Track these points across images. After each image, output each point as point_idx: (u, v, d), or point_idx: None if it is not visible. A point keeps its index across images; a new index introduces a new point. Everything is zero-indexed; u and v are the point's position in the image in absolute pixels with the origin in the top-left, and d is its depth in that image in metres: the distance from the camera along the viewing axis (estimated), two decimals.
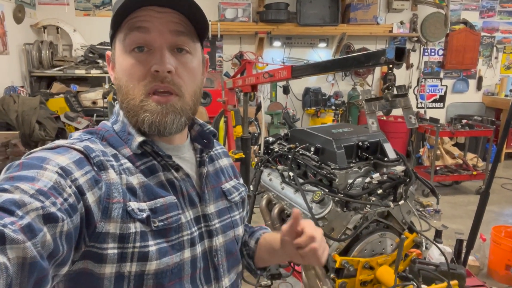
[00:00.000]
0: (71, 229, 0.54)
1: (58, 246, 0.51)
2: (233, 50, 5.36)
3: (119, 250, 0.62)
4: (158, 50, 0.68)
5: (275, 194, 1.78)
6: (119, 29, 0.70)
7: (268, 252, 0.90)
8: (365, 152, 1.59)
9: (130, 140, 0.71)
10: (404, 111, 1.38)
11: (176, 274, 0.68)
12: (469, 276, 2.27)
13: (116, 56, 0.72)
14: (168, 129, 0.70)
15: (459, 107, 6.02)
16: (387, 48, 1.32)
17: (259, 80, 2.26)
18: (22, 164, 0.57)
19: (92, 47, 4.73)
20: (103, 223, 0.61)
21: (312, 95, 5.34)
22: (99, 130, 0.74)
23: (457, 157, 4.94)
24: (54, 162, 0.58)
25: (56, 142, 0.66)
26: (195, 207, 0.76)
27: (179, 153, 0.78)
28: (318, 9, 5.17)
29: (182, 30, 0.70)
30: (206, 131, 0.83)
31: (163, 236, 0.67)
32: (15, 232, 0.43)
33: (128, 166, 0.69)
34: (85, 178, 0.60)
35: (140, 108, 0.69)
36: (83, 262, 0.62)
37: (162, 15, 0.68)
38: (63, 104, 4.19)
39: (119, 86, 0.72)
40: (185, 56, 0.71)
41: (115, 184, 0.64)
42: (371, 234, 1.55)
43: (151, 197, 0.68)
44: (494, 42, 5.99)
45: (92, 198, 0.60)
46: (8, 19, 4.06)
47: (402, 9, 5.50)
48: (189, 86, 0.72)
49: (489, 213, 3.69)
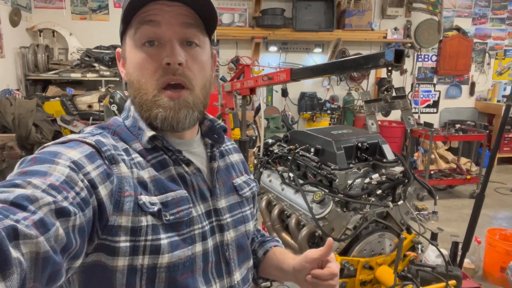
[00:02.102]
0: (84, 222, 0.54)
1: (71, 240, 0.51)
2: (230, 54, 5.38)
3: (131, 243, 0.63)
4: (169, 43, 0.68)
5: (275, 195, 1.79)
6: (129, 25, 0.71)
7: (275, 269, 0.90)
8: (364, 153, 1.62)
9: (140, 135, 0.72)
10: (403, 112, 1.40)
11: (188, 268, 0.69)
12: (465, 278, 2.29)
13: (127, 52, 0.73)
14: (181, 125, 0.71)
15: (452, 112, 6.09)
16: (386, 50, 1.34)
17: (258, 83, 2.28)
18: (34, 158, 0.58)
19: (88, 51, 4.72)
20: (115, 216, 0.62)
21: (307, 99, 5.38)
22: (110, 125, 0.74)
23: (450, 162, 4.99)
24: (66, 156, 0.59)
25: (68, 136, 0.66)
26: (206, 202, 0.76)
27: (190, 147, 0.78)
28: (314, 15, 5.22)
29: (192, 22, 0.70)
30: (217, 126, 0.83)
31: (174, 230, 0.68)
32: (28, 227, 0.43)
33: (139, 160, 0.69)
34: (97, 172, 0.60)
35: (153, 103, 0.70)
36: (96, 255, 0.62)
37: (171, 9, 0.68)
38: (59, 108, 4.17)
39: (131, 82, 0.72)
40: (194, 49, 0.72)
41: (126, 178, 0.65)
42: (370, 234, 1.57)
43: (162, 191, 0.68)
44: (486, 48, 6.09)
45: (104, 191, 0.60)
46: (4, 22, 4.05)
47: (396, 15, 5.58)
48: (199, 79, 0.72)
49: (483, 216, 3.72)
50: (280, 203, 1.74)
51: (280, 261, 0.89)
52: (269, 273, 0.94)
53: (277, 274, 0.92)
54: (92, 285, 0.64)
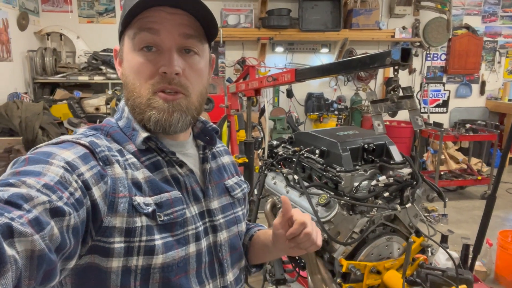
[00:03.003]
0: (78, 223, 0.54)
1: (65, 240, 0.51)
2: (236, 56, 5.37)
3: (126, 244, 0.63)
4: (167, 51, 0.68)
5: (279, 198, 1.76)
6: (128, 26, 0.70)
7: (262, 249, 0.91)
8: (371, 154, 1.58)
9: (134, 136, 0.72)
10: (411, 112, 1.37)
11: (182, 268, 0.69)
12: (476, 282, 2.24)
13: (125, 53, 0.73)
14: (173, 128, 0.71)
15: (463, 112, 6.00)
16: (393, 49, 1.31)
17: (263, 84, 2.25)
18: (28, 159, 0.57)
19: (95, 54, 4.75)
20: (109, 217, 0.62)
21: (314, 100, 5.34)
22: (103, 126, 0.74)
23: (461, 162, 4.92)
24: (60, 157, 0.59)
25: (61, 137, 0.66)
26: (199, 203, 0.76)
27: (183, 149, 0.79)
28: (320, 14, 5.19)
29: (192, 33, 0.70)
30: (209, 128, 0.84)
31: (168, 230, 0.68)
32: (23, 225, 0.43)
33: (133, 161, 0.69)
34: (90, 173, 0.61)
35: (147, 106, 0.70)
36: (90, 257, 0.62)
37: (172, 17, 0.68)
38: (66, 110, 4.20)
39: (126, 83, 0.72)
40: (192, 58, 0.72)
41: (120, 179, 0.65)
42: (378, 238, 1.53)
43: (157, 192, 0.68)
44: (496, 46, 5.99)
45: (98, 192, 0.60)
46: (12, 26, 4.09)
47: (404, 14, 5.51)
48: (196, 86, 0.73)
49: (494, 218, 3.65)
50: None
51: (264, 240, 0.90)
52: (258, 256, 0.94)
53: (265, 255, 0.92)
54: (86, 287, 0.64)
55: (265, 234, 0.92)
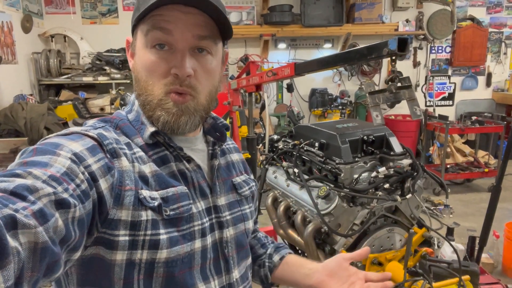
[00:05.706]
0: (83, 215, 0.54)
1: (70, 232, 0.51)
2: (238, 53, 5.37)
3: (131, 238, 0.63)
4: (179, 52, 0.68)
5: (280, 192, 1.77)
6: (142, 20, 0.70)
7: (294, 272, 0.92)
8: (371, 146, 1.57)
9: (143, 130, 0.72)
10: (409, 102, 1.36)
11: (187, 264, 0.69)
12: (483, 274, 2.22)
13: (137, 48, 0.72)
14: (181, 130, 0.71)
15: (469, 104, 5.93)
16: (390, 40, 1.30)
17: (263, 79, 2.25)
18: (36, 149, 0.58)
19: (99, 54, 4.78)
20: (115, 210, 0.62)
21: (318, 96, 5.32)
22: (113, 119, 0.74)
23: (468, 155, 4.87)
24: (67, 148, 0.59)
25: (70, 128, 0.66)
26: (206, 198, 0.76)
27: (192, 145, 0.79)
28: (323, 9, 5.16)
29: (206, 34, 0.69)
30: (219, 124, 0.83)
31: (174, 225, 0.68)
32: (27, 217, 0.43)
33: (140, 155, 0.69)
34: (98, 165, 0.61)
35: (158, 105, 0.70)
36: (95, 248, 0.62)
37: (186, 17, 0.67)
38: (72, 111, 4.23)
39: (138, 79, 0.72)
40: (205, 57, 0.71)
41: (127, 172, 0.65)
42: (379, 230, 1.52)
43: (163, 186, 0.68)
44: (502, 37, 5.91)
45: (105, 184, 0.60)
46: (16, 29, 4.13)
47: (407, 7, 5.46)
48: (206, 87, 0.72)
49: (501, 210, 3.61)
50: (286, 199, 1.71)
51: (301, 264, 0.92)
52: (282, 280, 0.95)
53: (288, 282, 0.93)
54: (90, 278, 0.65)
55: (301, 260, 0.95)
